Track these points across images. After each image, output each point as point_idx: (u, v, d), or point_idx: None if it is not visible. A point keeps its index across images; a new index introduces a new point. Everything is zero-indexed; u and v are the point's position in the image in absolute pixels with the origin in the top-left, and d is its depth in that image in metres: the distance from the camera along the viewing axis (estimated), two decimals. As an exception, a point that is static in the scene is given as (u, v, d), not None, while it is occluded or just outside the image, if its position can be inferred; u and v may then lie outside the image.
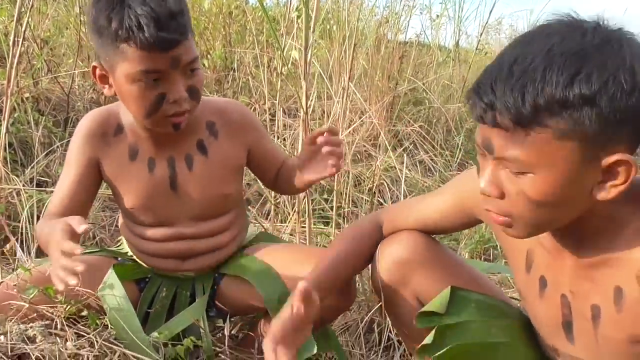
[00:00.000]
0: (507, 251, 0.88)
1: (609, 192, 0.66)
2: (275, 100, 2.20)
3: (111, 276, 1.08)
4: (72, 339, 0.91)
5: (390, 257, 0.94)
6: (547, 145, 0.63)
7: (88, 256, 1.19)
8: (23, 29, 1.93)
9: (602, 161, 0.64)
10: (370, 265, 1.00)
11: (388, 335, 1.30)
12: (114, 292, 1.04)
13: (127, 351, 0.92)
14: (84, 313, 1.05)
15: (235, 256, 1.25)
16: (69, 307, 1.02)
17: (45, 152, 1.98)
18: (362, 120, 2.42)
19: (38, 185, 1.83)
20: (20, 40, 1.67)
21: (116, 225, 1.78)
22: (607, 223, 0.72)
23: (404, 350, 1.29)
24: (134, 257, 1.24)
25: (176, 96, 0.98)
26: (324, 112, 2.35)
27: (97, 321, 1.01)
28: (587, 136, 0.62)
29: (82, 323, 1.00)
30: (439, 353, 0.83)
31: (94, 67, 1.02)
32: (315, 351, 0.99)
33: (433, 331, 0.84)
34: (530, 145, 0.64)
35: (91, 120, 1.12)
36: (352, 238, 1.00)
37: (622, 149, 0.64)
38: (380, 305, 1.03)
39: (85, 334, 0.95)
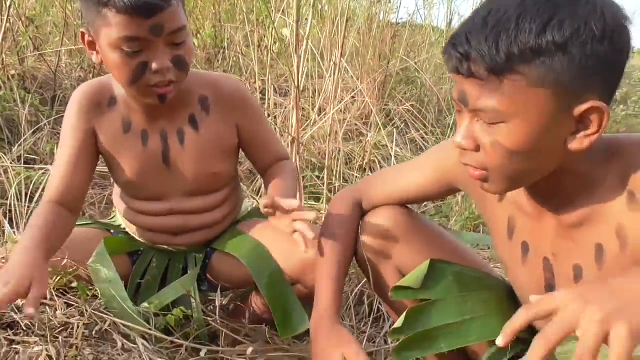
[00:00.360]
0: (488, 220, 0.89)
1: (581, 142, 0.67)
2: (266, 77, 2.18)
3: (102, 248, 1.08)
4: (61, 308, 0.91)
5: (371, 231, 0.95)
6: (521, 93, 0.64)
7: (80, 228, 1.19)
8: (7, 5, 1.89)
9: (575, 109, 0.65)
10: None
11: (378, 307, 1.32)
12: (103, 265, 1.04)
13: (117, 320, 0.92)
14: (74, 284, 1.05)
15: (228, 231, 1.25)
16: (58, 278, 1.02)
17: (32, 130, 1.95)
18: (353, 98, 2.41)
19: (25, 163, 1.81)
20: (5, 17, 1.64)
21: (106, 203, 1.77)
22: (582, 181, 0.72)
23: (393, 321, 1.31)
24: (127, 229, 1.24)
25: (158, 66, 0.96)
26: (315, 90, 2.34)
27: (87, 292, 1.01)
28: (560, 83, 0.63)
29: (71, 293, 1.00)
30: (407, 336, 0.84)
31: (82, 33, 1.00)
32: (307, 326, 0.99)
33: (403, 315, 0.85)
34: (504, 94, 0.64)
35: (84, 92, 1.10)
36: (340, 237, 0.97)
37: (595, 97, 0.65)
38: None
39: (74, 304, 0.95)
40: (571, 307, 0.53)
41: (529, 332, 0.87)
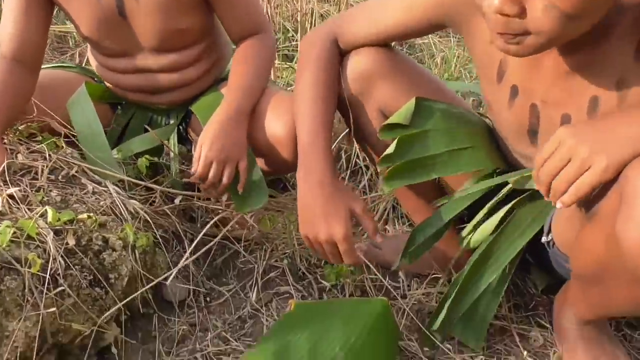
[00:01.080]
0: (479, 62, 0.85)
1: None
2: None
3: (83, 90, 1.03)
4: (24, 153, 0.87)
5: (353, 72, 0.89)
6: None
7: (58, 70, 1.12)
8: None
9: None
10: None
11: (355, 161, 1.32)
12: (83, 106, 0.99)
13: (85, 165, 0.89)
14: (39, 139, 1.00)
15: (208, 91, 1.18)
16: (17, 132, 0.96)
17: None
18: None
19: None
20: None
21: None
22: (594, 27, 0.66)
23: (371, 174, 1.32)
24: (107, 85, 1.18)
25: None
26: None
27: (57, 143, 0.96)
28: None
29: (34, 143, 0.95)
30: (398, 164, 0.83)
31: None
32: (266, 200, 0.98)
33: (394, 142, 0.83)
34: None
35: None
36: (319, 76, 0.89)
37: None
38: (347, 133, 0.98)
39: (38, 151, 0.90)
40: (568, 142, 0.63)
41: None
